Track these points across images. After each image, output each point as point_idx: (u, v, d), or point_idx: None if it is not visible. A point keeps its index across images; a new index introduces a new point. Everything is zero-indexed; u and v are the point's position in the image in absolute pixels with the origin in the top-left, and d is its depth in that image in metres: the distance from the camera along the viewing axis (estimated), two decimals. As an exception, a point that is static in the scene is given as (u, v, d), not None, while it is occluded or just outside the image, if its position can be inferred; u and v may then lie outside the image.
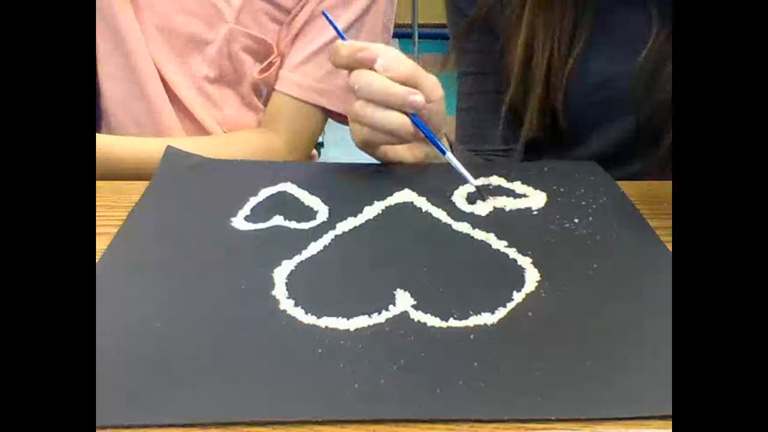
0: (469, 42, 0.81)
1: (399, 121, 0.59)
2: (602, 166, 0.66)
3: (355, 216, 0.55)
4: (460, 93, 0.85)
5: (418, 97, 0.59)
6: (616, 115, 0.75)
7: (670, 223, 0.55)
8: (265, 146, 0.83)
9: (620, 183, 0.62)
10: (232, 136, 0.86)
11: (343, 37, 0.63)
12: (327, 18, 0.68)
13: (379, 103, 0.59)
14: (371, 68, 0.59)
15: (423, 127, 0.60)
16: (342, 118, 0.89)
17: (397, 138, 0.61)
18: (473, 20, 0.78)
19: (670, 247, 0.52)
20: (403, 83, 0.59)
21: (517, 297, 0.46)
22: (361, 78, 0.59)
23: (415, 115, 0.59)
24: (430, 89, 0.61)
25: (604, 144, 0.76)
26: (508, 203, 0.58)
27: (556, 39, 0.73)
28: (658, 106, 0.70)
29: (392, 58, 0.60)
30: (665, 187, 0.63)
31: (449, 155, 0.61)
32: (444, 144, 0.63)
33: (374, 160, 0.66)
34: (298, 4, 0.84)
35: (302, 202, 0.58)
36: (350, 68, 0.60)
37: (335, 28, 0.66)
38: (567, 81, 0.73)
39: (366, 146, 0.64)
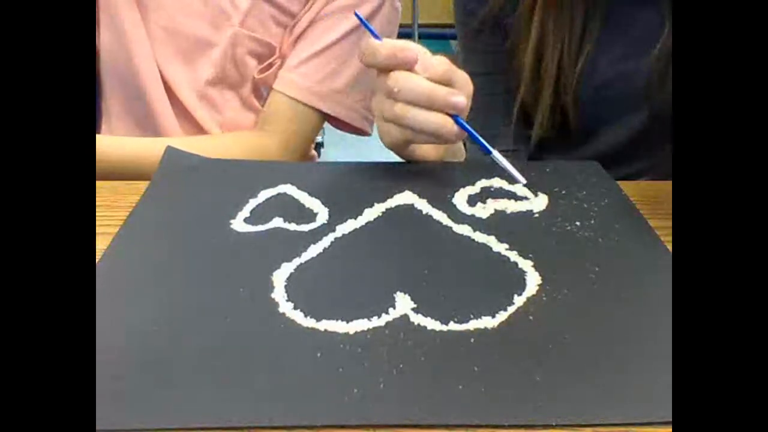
0: (478, 42, 0.81)
1: (442, 121, 0.58)
2: (611, 164, 0.65)
3: (355, 218, 0.55)
4: None
5: (460, 98, 0.58)
6: (625, 113, 0.75)
7: (670, 223, 0.55)
8: (259, 146, 0.83)
9: (620, 183, 0.62)
10: (225, 136, 0.85)
11: (378, 38, 0.61)
12: (360, 19, 0.66)
13: (422, 105, 0.58)
14: (410, 69, 0.58)
15: (466, 127, 0.59)
16: (338, 123, 0.89)
17: (440, 138, 0.60)
18: (483, 20, 0.78)
19: (670, 247, 0.52)
20: (439, 82, 0.58)
21: (518, 301, 0.45)
22: (401, 80, 0.58)
23: (456, 115, 0.59)
24: (463, 86, 0.61)
25: (614, 142, 0.76)
26: (509, 206, 0.58)
27: (567, 39, 0.73)
28: (669, 102, 0.70)
29: (428, 57, 0.59)
30: (665, 187, 0.63)
31: (495, 153, 0.60)
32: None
33: (374, 161, 0.65)
34: (304, 8, 0.84)
35: (302, 204, 0.58)
36: (388, 69, 0.59)
37: (371, 30, 0.64)
38: (577, 80, 0.73)
39: (399, 146, 0.63)
